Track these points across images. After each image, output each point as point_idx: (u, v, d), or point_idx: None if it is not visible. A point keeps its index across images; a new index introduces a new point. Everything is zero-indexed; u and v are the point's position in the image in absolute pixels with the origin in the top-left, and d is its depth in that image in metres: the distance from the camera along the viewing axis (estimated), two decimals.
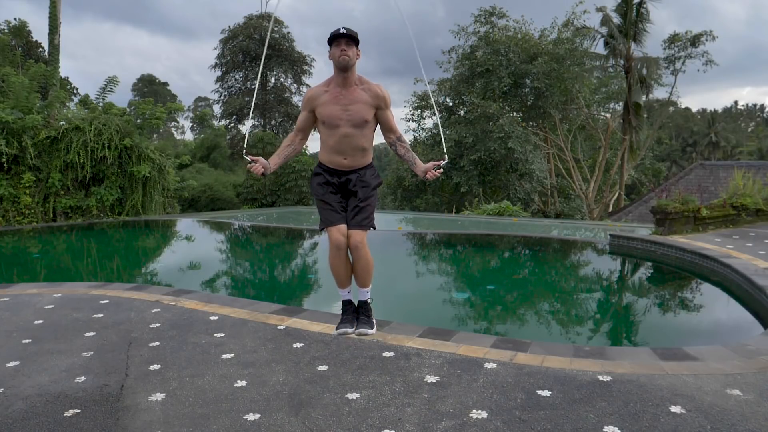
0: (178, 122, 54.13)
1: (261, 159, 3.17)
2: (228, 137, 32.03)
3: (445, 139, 22.06)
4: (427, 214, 18.98)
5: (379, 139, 3.50)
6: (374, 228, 3.30)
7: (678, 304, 6.40)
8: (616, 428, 2.62)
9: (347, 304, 3.35)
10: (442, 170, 3.24)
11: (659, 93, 32.10)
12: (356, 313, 3.37)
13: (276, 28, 28.19)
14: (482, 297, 6.88)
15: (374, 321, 3.36)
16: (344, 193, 3.28)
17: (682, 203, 9.14)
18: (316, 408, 2.91)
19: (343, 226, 3.17)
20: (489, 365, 3.45)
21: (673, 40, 23.72)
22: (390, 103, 3.26)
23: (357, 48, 3.11)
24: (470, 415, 2.79)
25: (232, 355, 3.74)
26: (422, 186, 22.79)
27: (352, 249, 3.20)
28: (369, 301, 3.43)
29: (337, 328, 3.27)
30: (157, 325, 4.47)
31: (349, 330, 3.22)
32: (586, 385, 3.13)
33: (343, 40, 3.06)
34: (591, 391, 3.05)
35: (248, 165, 3.19)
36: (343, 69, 3.09)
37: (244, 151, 3.24)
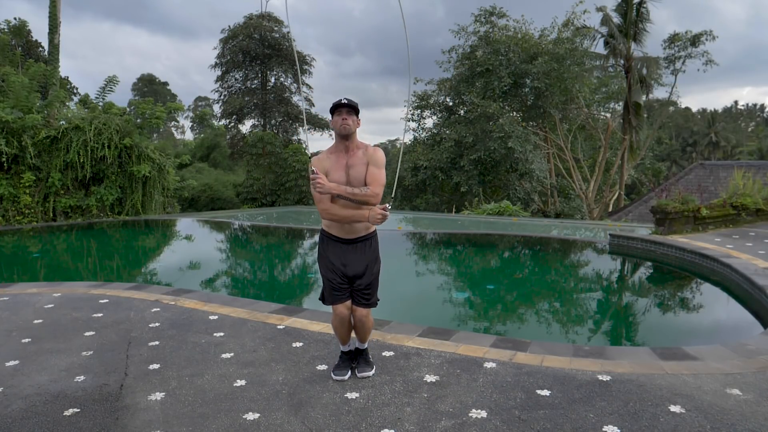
0: (178, 122, 54.24)
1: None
2: (228, 137, 32.02)
3: (445, 138, 22.07)
4: (427, 213, 18.98)
5: (379, 138, 3.49)
6: (377, 301, 3.37)
7: (678, 303, 6.40)
8: (616, 428, 2.62)
9: (346, 353, 3.44)
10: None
11: (659, 93, 32.16)
12: (354, 358, 3.45)
13: (276, 28, 28.17)
14: (482, 297, 6.88)
15: (373, 362, 3.45)
16: (346, 259, 3.25)
17: (682, 203, 9.14)
18: (316, 407, 2.91)
19: (348, 302, 3.26)
20: (488, 365, 3.45)
21: (673, 39, 23.71)
22: (380, 162, 3.24)
23: (357, 117, 3.21)
24: (470, 414, 2.79)
25: (232, 354, 3.74)
26: (422, 186, 22.80)
27: (357, 321, 3.30)
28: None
29: (334, 372, 3.34)
30: (157, 324, 4.47)
31: (345, 377, 3.30)
32: (586, 384, 3.13)
33: (344, 109, 3.16)
34: (590, 390, 3.05)
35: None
36: (345, 137, 3.18)
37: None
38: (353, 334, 3.42)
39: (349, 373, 3.35)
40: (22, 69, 16.11)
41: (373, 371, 3.35)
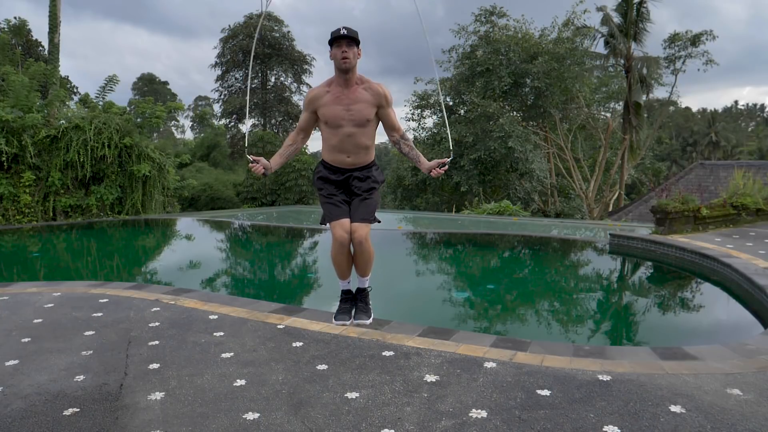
0: (178, 121, 54.23)
1: (262, 159, 3.19)
2: (228, 136, 32.05)
3: (445, 138, 22.05)
4: (427, 213, 18.97)
5: (380, 138, 3.53)
6: (378, 221, 3.36)
7: (678, 303, 6.40)
8: (616, 428, 2.61)
9: (346, 293, 3.44)
10: (446, 167, 3.25)
11: (659, 92, 32.18)
12: (354, 301, 3.46)
13: (276, 27, 28.16)
14: (482, 296, 6.88)
15: (371, 309, 3.44)
16: (347, 189, 3.30)
17: (682, 203, 9.13)
18: (316, 407, 2.91)
19: (346, 222, 3.21)
20: (489, 364, 3.44)
21: (673, 39, 23.71)
22: (391, 101, 3.27)
23: (358, 48, 3.10)
24: (470, 414, 2.79)
25: (232, 354, 3.73)
26: (422, 185, 22.80)
27: (356, 244, 3.26)
28: (368, 289, 3.53)
29: (335, 318, 3.36)
30: (157, 324, 4.46)
31: (347, 322, 3.31)
32: (586, 384, 3.12)
33: (344, 41, 3.04)
34: (591, 390, 3.04)
35: (249, 164, 3.24)
36: (345, 71, 3.09)
37: (246, 150, 3.29)
38: (354, 272, 3.43)
39: (351, 319, 3.36)
40: (22, 68, 16.10)
41: (370, 320, 3.37)
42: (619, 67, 23.34)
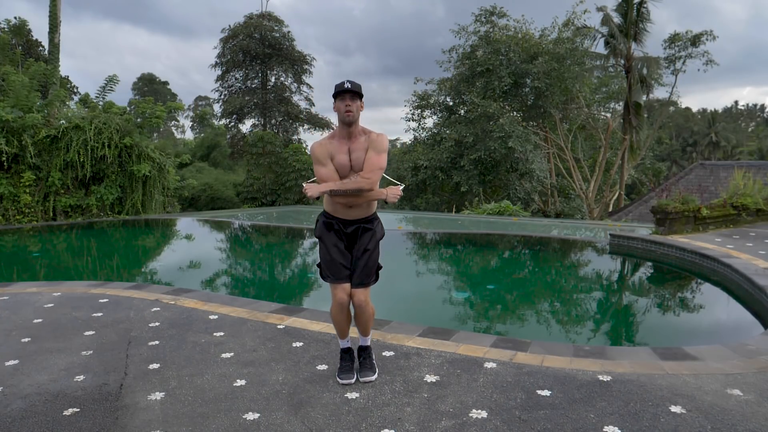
0: (178, 121, 54.28)
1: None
2: (228, 136, 32.03)
3: (445, 138, 22.06)
4: (427, 213, 18.97)
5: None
6: (380, 267, 3.30)
7: (678, 303, 6.40)
8: (616, 428, 2.61)
9: (346, 351, 3.36)
10: (310, 195, 3.09)
11: (659, 93, 32.21)
12: (358, 357, 3.38)
13: (276, 27, 28.17)
14: (482, 296, 6.88)
15: (376, 366, 3.37)
16: (348, 241, 3.25)
17: (682, 203, 9.13)
18: (316, 407, 2.91)
19: (347, 285, 3.17)
20: (489, 365, 3.44)
21: (673, 39, 23.71)
22: (380, 147, 3.15)
23: (360, 101, 3.14)
24: (470, 414, 2.78)
25: (232, 354, 3.73)
26: (422, 185, 22.80)
27: (356, 307, 3.22)
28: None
29: (338, 377, 3.26)
30: (157, 324, 4.46)
31: (351, 381, 3.22)
32: (586, 384, 3.12)
33: (347, 94, 3.08)
34: (591, 390, 3.04)
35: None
36: (348, 123, 3.12)
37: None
38: (356, 330, 3.37)
39: (355, 376, 3.28)
40: (22, 68, 16.11)
41: (375, 375, 3.29)
42: (619, 67, 23.33)
